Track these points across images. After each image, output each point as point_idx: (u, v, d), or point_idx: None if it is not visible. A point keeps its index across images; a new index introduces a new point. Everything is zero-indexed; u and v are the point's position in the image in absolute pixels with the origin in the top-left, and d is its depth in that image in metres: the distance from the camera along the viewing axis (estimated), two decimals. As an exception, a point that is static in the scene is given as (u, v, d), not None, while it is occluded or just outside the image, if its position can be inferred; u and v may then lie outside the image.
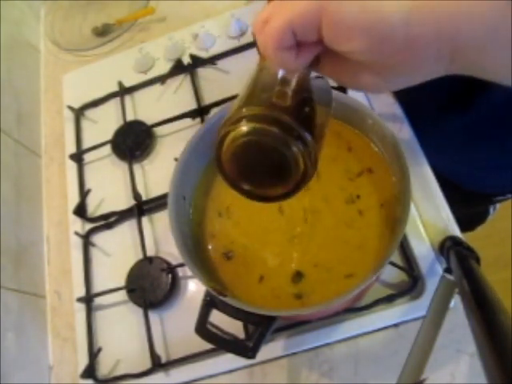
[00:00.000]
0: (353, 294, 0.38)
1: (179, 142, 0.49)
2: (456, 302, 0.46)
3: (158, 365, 0.53)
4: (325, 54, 0.29)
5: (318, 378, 0.50)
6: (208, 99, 0.68)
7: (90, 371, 0.55)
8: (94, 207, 0.66)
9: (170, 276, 0.57)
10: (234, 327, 0.45)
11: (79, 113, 0.73)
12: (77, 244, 0.63)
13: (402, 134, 0.57)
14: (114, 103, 0.72)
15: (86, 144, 0.70)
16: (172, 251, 0.59)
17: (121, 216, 0.63)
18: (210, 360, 0.52)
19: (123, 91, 0.71)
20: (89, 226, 0.64)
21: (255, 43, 0.29)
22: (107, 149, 0.68)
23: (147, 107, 0.71)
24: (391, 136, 0.44)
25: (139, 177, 0.65)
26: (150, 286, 0.57)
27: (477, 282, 0.35)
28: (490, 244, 1.06)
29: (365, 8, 0.25)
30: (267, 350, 0.51)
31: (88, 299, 0.59)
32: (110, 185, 0.67)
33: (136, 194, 0.62)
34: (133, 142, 0.67)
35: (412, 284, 0.50)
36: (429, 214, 0.53)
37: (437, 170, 0.55)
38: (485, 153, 0.60)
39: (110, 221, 0.64)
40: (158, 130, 0.68)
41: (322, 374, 0.50)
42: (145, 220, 0.62)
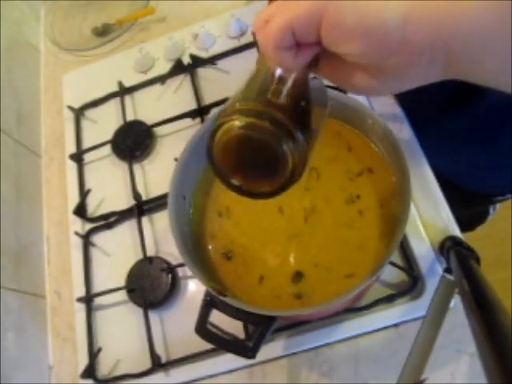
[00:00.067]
0: (353, 293, 0.38)
1: (179, 142, 0.49)
2: (456, 302, 0.46)
3: (158, 365, 0.53)
4: (323, 56, 0.30)
5: (318, 377, 0.50)
6: (208, 99, 0.68)
7: (90, 371, 0.55)
8: (94, 207, 0.66)
9: (170, 276, 0.57)
10: (234, 327, 0.45)
11: (79, 113, 0.73)
12: (77, 244, 0.63)
13: (402, 134, 0.57)
14: (114, 103, 0.72)
15: (85, 144, 0.70)
16: (172, 251, 0.59)
17: (121, 216, 0.63)
18: (210, 360, 0.52)
19: (123, 91, 0.71)
20: (89, 225, 0.64)
21: (256, 42, 0.29)
22: (107, 149, 0.68)
23: (147, 107, 0.71)
24: (391, 136, 0.44)
25: (139, 177, 0.65)
26: (150, 286, 0.57)
27: (477, 282, 0.35)
28: (490, 244, 1.06)
29: (363, 12, 0.25)
30: (267, 350, 0.51)
31: (88, 299, 0.59)
32: (110, 185, 0.67)
33: (136, 194, 0.62)
34: (133, 142, 0.67)
35: (412, 284, 0.50)
36: (429, 214, 0.53)
37: (437, 170, 0.55)
38: (485, 153, 0.60)
39: (109, 221, 0.64)
40: (158, 130, 0.68)
41: (322, 374, 0.50)
42: (145, 220, 0.62)
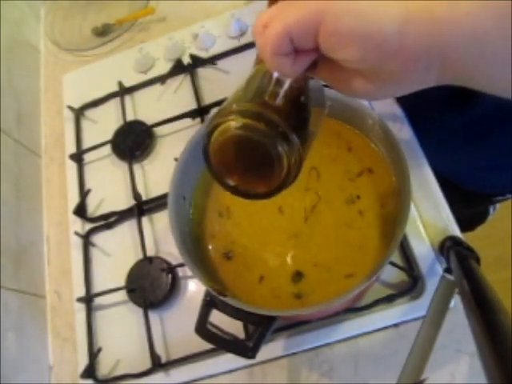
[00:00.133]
0: (353, 293, 0.38)
1: (179, 142, 0.49)
2: (456, 302, 0.46)
3: (158, 365, 0.53)
4: (321, 60, 0.30)
5: (318, 377, 0.50)
6: (208, 99, 0.68)
7: (90, 371, 0.55)
8: (94, 207, 0.66)
9: (170, 276, 0.57)
10: (234, 327, 0.45)
11: (79, 113, 0.73)
12: (77, 244, 0.63)
13: (402, 134, 0.57)
14: (114, 103, 0.72)
15: (85, 144, 0.70)
16: (172, 251, 0.59)
17: (121, 216, 0.63)
18: (210, 360, 0.52)
19: (123, 91, 0.71)
20: (89, 225, 0.64)
21: (255, 44, 0.29)
22: (107, 149, 0.68)
23: (147, 107, 0.71)
24: (391, 136, 0.44)
25: (139, 177, 0.65)
26: (150, 286, 0.57)
27: (477, 282, 0.35)
28: (490, 244, 1.06)
29: (360, 19, 0.25)
30: (267, 350, 0.51)
31: (88, 299, 0.59)
32: (110, 185, 0.67)
33: (136, 194, 0.62)
34: (133, 142, 0.67)
35: (412, 284, 0.50)
36: (429, 214, 0.53)
37: (437, 170, 0.55)
38: (485, 153, 0.60)
39: (109, 221, 0.64)
40: (158, 130, 0.68)
41: (322, 374, 0.50)
42: (145, 220, 0.62)
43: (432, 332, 0.40)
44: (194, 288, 0.58)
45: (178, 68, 0.70)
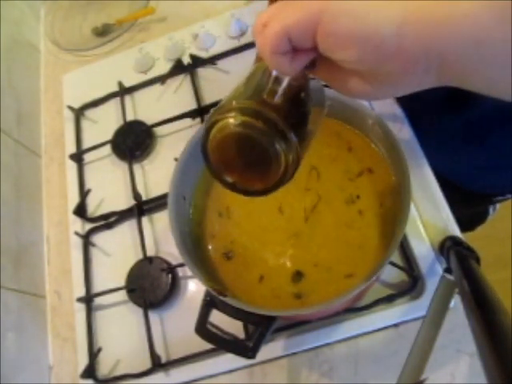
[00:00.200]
0: (353, 293, 0.38)
1: (179, 141, 0.49)
2: (456, 302, 0.46)
3: (158, 365, 0.53)
4: (320, 60, 0.30)
5: (318, 377, 0.50)
6: (208, 99, 0.68)
7: (90, 371, 0.55)
8: (94, 207, 0.66)
9: (170, 276, 0.57)
10: (234, 327, 0.45)
11: (79, 113, 0.73)
12: (77, 244, 0.63)
13: (402, 134, 0.57)
14: (114, 103, 0.72)
15: (86, 144, 0.70)
16: (172, 251, 0.59)
17: (121, 216, 0.63)
18: (210, 360, 0.52)
19: (123, 91, 0.71)
20: (89, 225, 0.64)
21: (255, 43, 0.29)
22: (107, 149, 0.68)
23: (147, 107, 0.71)
24: (391, 136, 0.44)
25: (139, 177, 0.65)
26: (150, 286, 0.57)
27: (477, 282, 0.35)
28: (490, 244, 1.06)
29: (359, 20, 0.25)
30: (267, 350, 0.51)
31: (88, 299, 0.59)
32: (110, 185, 0.67)
33: (136, 194, 0.62)
34: (133, 142, 0.67)
35: (412, 284, 0.50)
36: (429, 214, 0.53)
37: (437, 170, 0.55)
38: (485, 153, 0.60)
39: (109, 221, 0.64)
40: (158, 130, 0.68)
41: (322, 374, 0.50)
42: (145, 220, 0.62)
43: (432, 332, 0.40)
44: (194, 288, 0.58)
45: (178, 68, 0.70)
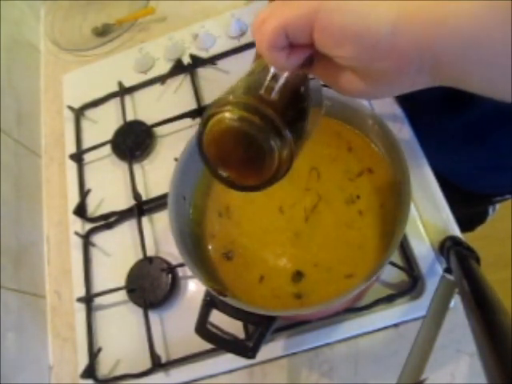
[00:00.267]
0: (353, 293, 0.38)
1: (179, 141, 0.49)
2: (456, 302, 0.46)
3: (158, 365, 0.53)
4: (318, 58, 0.30)
5: (318, 377, 0.50)
6: (208, 99, 0.68)
7: (90, 371, 0.55)
8: (94, 207, 0.66)
9: (170, 276, 0.57)
10: (234, 327, 0.45)
11: (79, 113, 0.73)
12: (77, 244, 0.63)
13: (402, 134, 0.57)
14: (114, 103, 0.72)
15: (86, 144, 0.70)
16: (172, 251, 0.59)
17: (121, 216, 0.63)
18: (210, 360, 0.52)
19: (123, 91, 0.71)
20: (89, 225, 0.64)
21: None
22: (107, 149, 0.68)
23: (147, 107, 0.71)
24: (391, 136, 0.44)
25: (139, 177, 0.65)
26: (150, 286, 0.57)
27: (477, 282, 0.35)
28: (490, 244, 1.06)
29: (354, 17, 0.26)
30: (267, 350, 0.51)
31: (88, 299, 0.59)
32: (110, 185, 0.67)
33: (136, 194, 0.62)
34: (133, 142, 0.67)
35: (412, 284, 0.50)
36: (429, 214, 0.53)
37: (437, 170, 0.55)
38: (485, 153, 0.60)
39: (109, 221, 0.64)
40: (158, 130, 0.68)
41: (322, 374, 0.50)
42: (145, 220, 0.62)
43: (432, 332, 0.40)
44: (194, 288, 0.58)
45: (178, 68, 0.70)
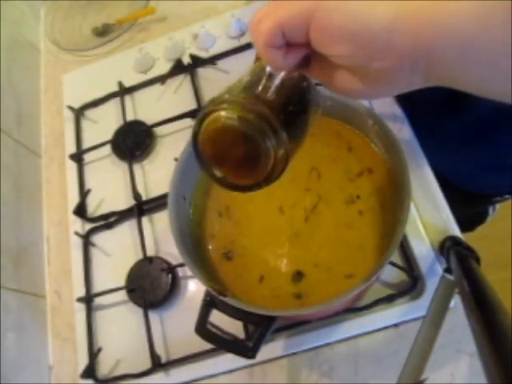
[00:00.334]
0: (353, 293, 0.38)
1: (179, 142, 0.49)
2: (456, 302, 0.46)
3: (158, 365, 0.53)
4: (314, 58, 0.30)
5: (318, 378, 0.50)
6: (208, 99, 0.67)
7: (90, 371, 0.55)
8: (94, 207, 0.66)
9: (170, 276, 0.57)
10: (234, 327, 0.45)
11: (79, 113, 0.73)
12: (77, 244, 0.63)
13: (402, 134, 0.57)
14: (114, 103, 0.72)
15: (86, 144, 0.70)
16: (172, 251, 0.59)
17: (121, 216, 0.63)
18: (210, 360, 0.52)
19: (123, 91, 0.71)
20: (89, 225, 0.64)
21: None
22: (107, 149, 0.68)
23: (147, 107, 0.71)
24: (391, 136, 0.44)
25: (139, 177, 0.65)
26: (150, 286, 0.57)
27: (477, 282, 0.35)
28: (490, 244, 1.06)
29: (351, 16, 0.26)
30: (267, 350, 0.51)
31: (88, 299, 0.59)
32: (110, 185, 0.67)
33: (136, 194, 0.62)
34: (133, 142, 0.67)
35: (412, 284, 0.50)
36: (429, 214, 0.53)
37: (437, 170, 0.55)
38: (484, 153, 0.61)
39: (109, 221, 0.64)
40: (158, 130, 0.68)
41: (322, 374, 0.50)
42: (145, 220, 0.62)
43: (432, 332, 0.40)
44: (194, 288, 0.58)
45: (178, 68, 0.70)
